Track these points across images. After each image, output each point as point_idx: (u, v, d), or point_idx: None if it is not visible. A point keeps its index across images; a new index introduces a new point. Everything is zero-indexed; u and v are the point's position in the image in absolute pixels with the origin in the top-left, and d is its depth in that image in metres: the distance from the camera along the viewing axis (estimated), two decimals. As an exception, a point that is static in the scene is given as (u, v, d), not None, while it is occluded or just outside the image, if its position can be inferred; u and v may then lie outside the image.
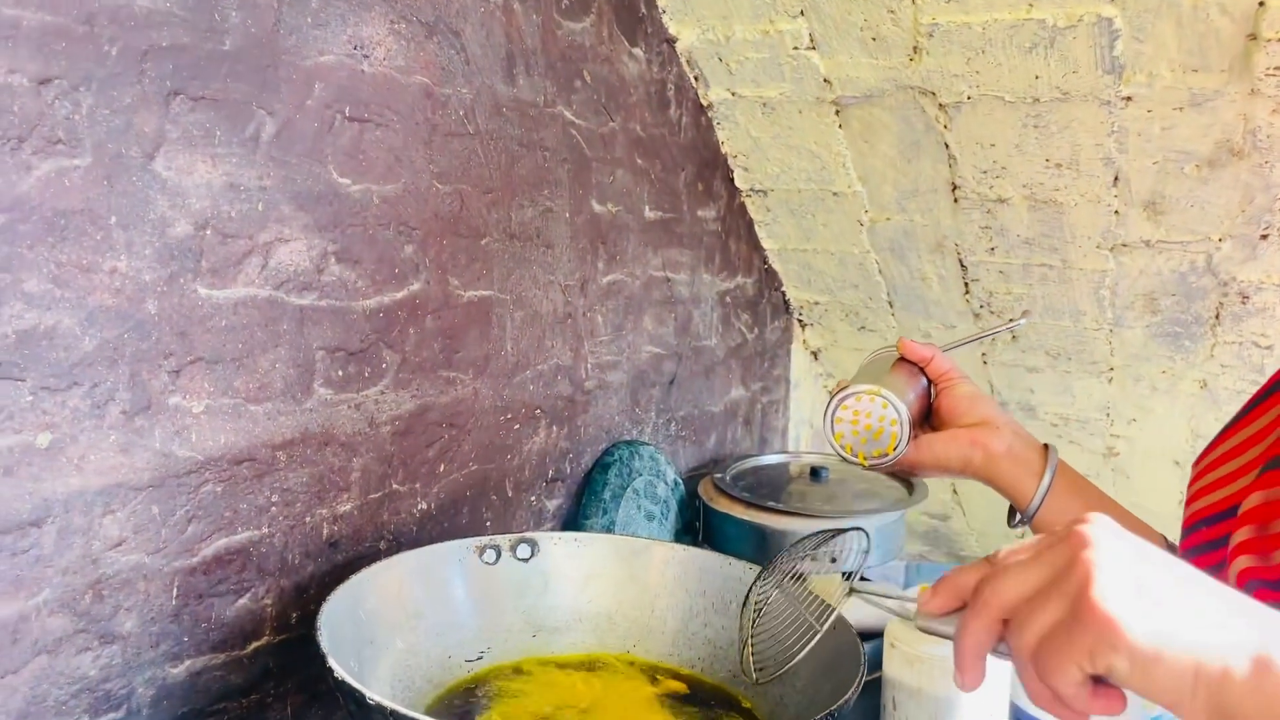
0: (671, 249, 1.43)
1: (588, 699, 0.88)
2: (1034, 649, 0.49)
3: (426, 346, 0.98)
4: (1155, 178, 1.27)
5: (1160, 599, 0.46)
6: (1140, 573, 0.47)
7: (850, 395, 0.85)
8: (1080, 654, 0.47)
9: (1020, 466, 0.85)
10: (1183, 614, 0.46)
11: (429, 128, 0.95)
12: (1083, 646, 0.47)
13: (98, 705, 0.71)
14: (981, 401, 0.88)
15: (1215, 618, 0.46)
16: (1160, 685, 0.46)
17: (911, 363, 0.91)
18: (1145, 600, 0.46)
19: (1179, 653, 0.45)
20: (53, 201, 0.64)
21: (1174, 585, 0.47)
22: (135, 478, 0.71)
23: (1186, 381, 1.57)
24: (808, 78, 1.34)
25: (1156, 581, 0.47)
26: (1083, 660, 0.47)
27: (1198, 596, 0.48)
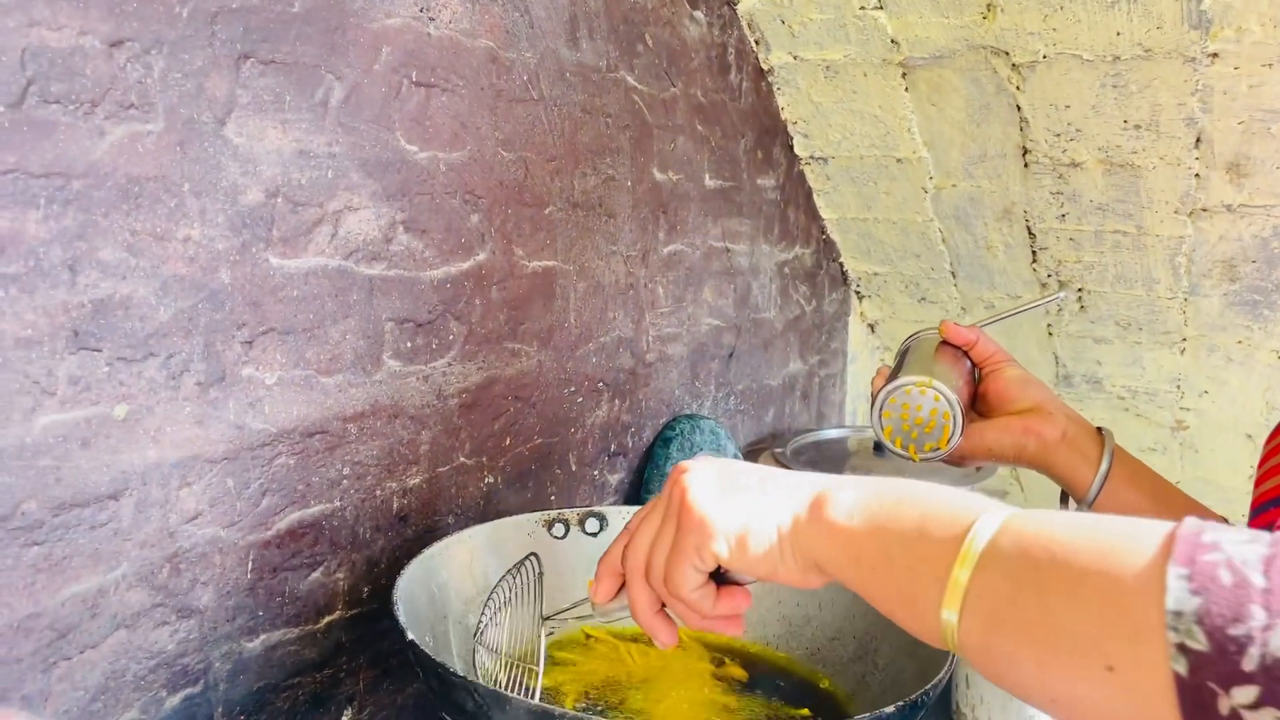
0: (731, 219, 1.40)
1: (642, 672, 0.86)
2: (662, 573, 0.57)
3: (492, 318, 0.96)
4: (1240, 138, 1.21)
5: (739, 490, 0.55)
6: (723, 477, 0.56)
7: (899, 388, 0.81)
8: (690, 553, 0.55)
9: (1076, 454, 0.81)
10: (759, 494, 0.55)
11: (494, 93, 0.92)
12: (690, 547, 0.55)
13: (175, 680, 0.70)
14: (1032, 385, 0.84)
15: (785, 488, 0.55)
16: (756, 555, 0.53)
17: (955, 346, 0.87)
18: (728, 495, 0.55)
19: (760, 522, 0.53)
20: (126, 168, 0.63)
21: (751, 478, 0.56)
22: (210, 450, 0.70)
23: (1264, 352, 1.52)
24: (874, 39, 1.30)
25: (736, 480, 0.56)
26: (693, 558, 0.55)
27: (771, 480, 0.56)
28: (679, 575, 0.56)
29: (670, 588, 0.57)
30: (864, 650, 0.85)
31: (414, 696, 0.92)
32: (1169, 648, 0.37)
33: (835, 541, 0.51)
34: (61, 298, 0.60)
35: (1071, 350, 1.70)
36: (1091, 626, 0.40)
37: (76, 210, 0.60)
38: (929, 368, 0.82)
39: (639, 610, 0.60)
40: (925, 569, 0.47)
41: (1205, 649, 0.36)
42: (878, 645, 0.84)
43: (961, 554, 0.46)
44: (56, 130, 0.59)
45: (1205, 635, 0.36)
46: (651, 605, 0.59)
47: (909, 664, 0.78)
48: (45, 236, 0.59)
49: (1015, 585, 0.43)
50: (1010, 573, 0.44)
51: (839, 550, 0.51)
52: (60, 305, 0.60)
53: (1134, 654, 0.38)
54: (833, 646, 0.87)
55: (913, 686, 0.70)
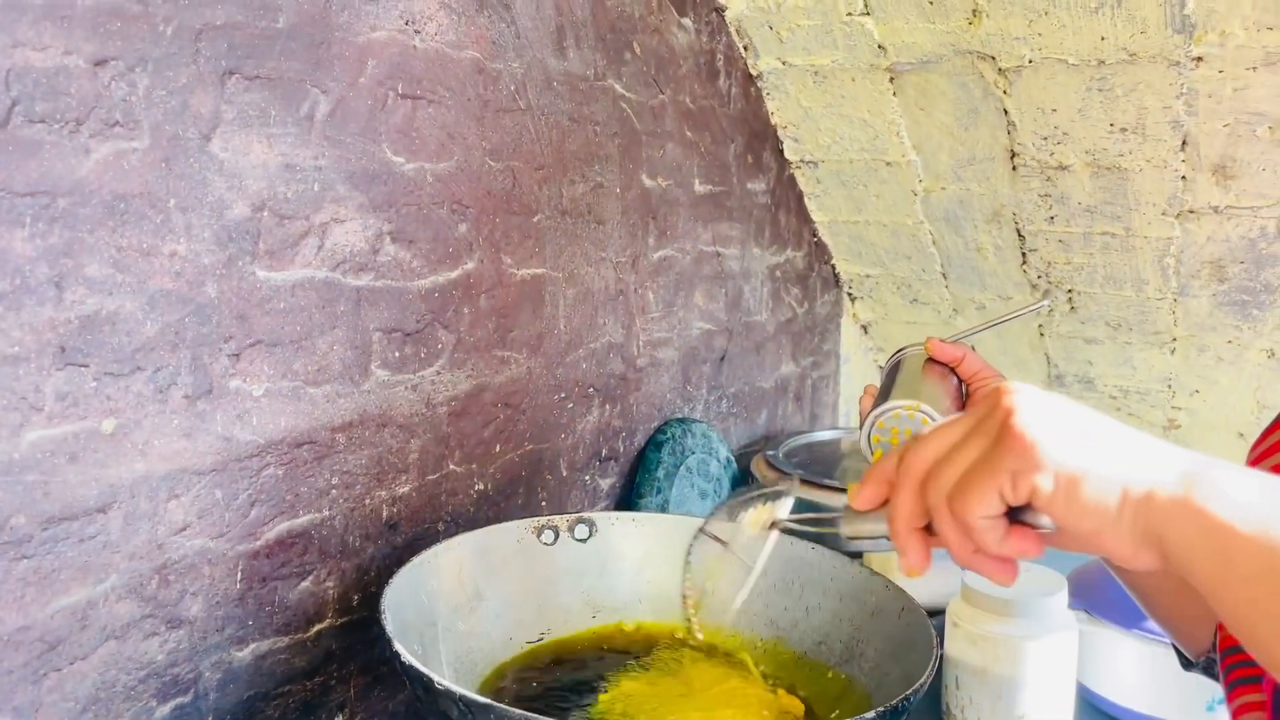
0: (721, 223, 1.40)
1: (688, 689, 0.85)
2: (952, 491, 0.48)
3: (481, 326, 0.97)
4: (1226, 141, 1.22)
5: (1083, 432, 0.46)
6: (1063, 412, 0.47)
7: (887, 411, 0.81)
8: (1002, 477, 0.46)
9: None
10: (1103, 442, 0.46)
11: (480, 104, 0.93)
12: (1004, 469, 0.46)
13: (165, 690, 0.71)
14: None
15: (1140, 448, 0.46)
16: (1084, 506, 0.45)
17: (942, 363, 0.87)
18: (1068, 432, 0.46)
19: (1102, 474, 0.45)
20: (112, 184, 0.63)
21: (1098, 424, 0.47)
22: (198, 462, 0.71)
23: (1253, 351, 1.52)
24: (861, 44, 1.31)
25: (1080, 420, 0.47)
26: (1004, 483, 0.46)
27: (1122, 433, 0.47)
28: (977, 495, 0.47)
29: (957, 505, 0.48)
30: (850, 654, 0.85)
31: (405, 703, 0.93)
32: None
33: (1201, 530, 0.43)
34: (48, 314, 0.61)
35: (1063, 351, 1.70)
36: None
37: (62, 228, 0.61)
38: (916, 388, 0.82)
39: (899, 518, 0.51)
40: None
41: None
42: (863, 649, 0.85)
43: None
44: (42, 149, 0.59)
45: None
46: (916, 517, 0.50)
47: (894, 667, 0.79)
48: (31, 254, 0.60)
49: None
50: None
51: (1204, 540, 0.43)
52: (47, 322, 0.61)
53: None
54: (819, 650, 0.88)
55: (898, 689, 0.71)
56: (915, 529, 0.51)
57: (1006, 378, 0.87)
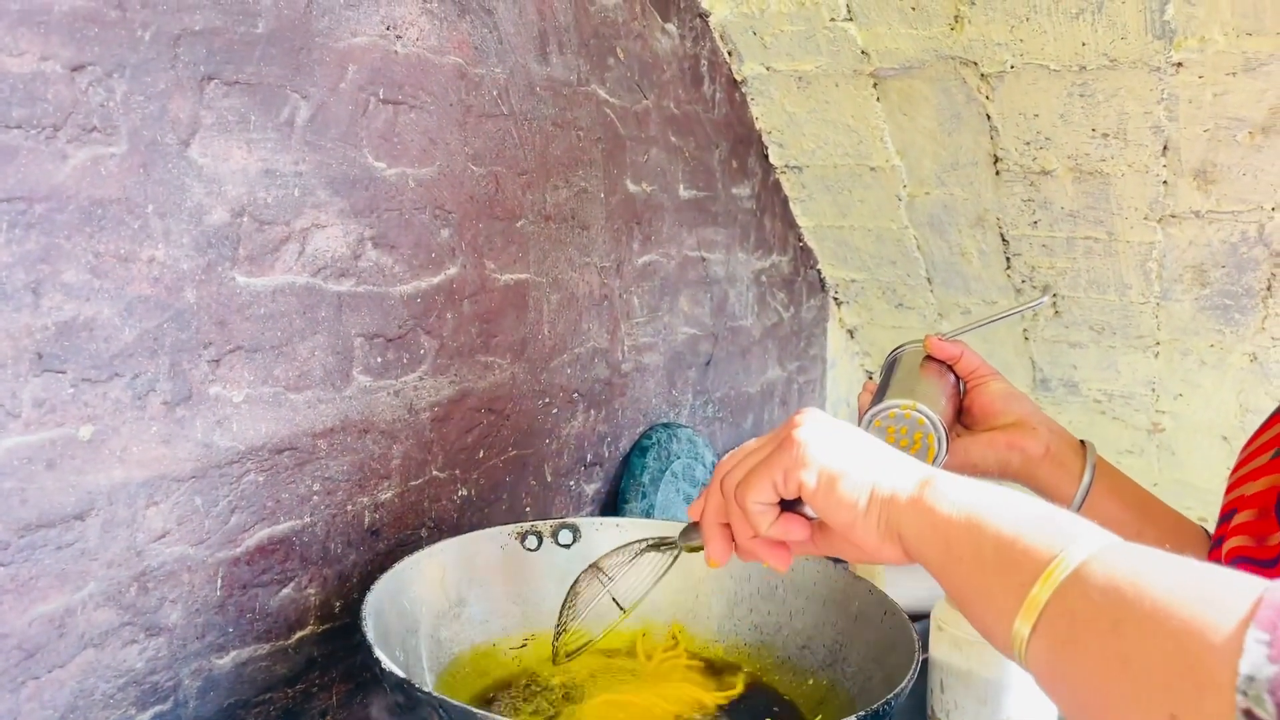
0: (706, 228, 1.41)
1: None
2: (738, 483, 0.60)
3: (464, 331, 0.97)
4: (1206, 146, 1.23)
5: (848, 445, 0.58)
6: (835, 429, 0.59)
7: (884, 411, 0.81)
8: (776, 471, 0.57)
9: (1059, 468, 0.82)
10: (864, 453, 0.57)
11: (463, 109, 0.93)
12: (779, 465, 0.57)
13: (145, 698, 0.70)
14: (1015, 400, 0.85)
15: (891, 461, 0.57)
16: (840, 500, 0.56)
17: (939, 361, 0.87)
18: (836, 443, 0.57)
19: (856, 476, 0.56)
20: (89, 190, 0.63)
21: (866, 442, 0.59)
22: (178, 469, 0.71)
23: (1236, 355, 1.53)
24: (845, 50, 1.31)
25: (847, 435, 0.58)
26: (776, 475, 0.57)
27: (884, 451, 0.58)
28: (752, 483, 0.58)
29: (740, 494, 0.59)
30: (833, 658, 0.85)
31: (388, 710, 0.92)
32: (1236, 712, 0.36)
33: (928, 522, 0.53)
34: (25, 320, 0.60)
35: (1047, 355, 1.71)
36: (1162, 670, 0.40)
37: (39, 233, 0.61)
38: (913, 387, 0.82)
39: (705, 514, 0.63)
40: (1011, 574, 0.48)
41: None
42: (846, 654, 0.85)
43: (1047, 573, 0.46)
44: (18, 155, 0.59)
45: (1274, 707, 0.35)
46: (718, 513, 0.62)
47: (876, 671, 0.79)
48: (8, 260, 0.59)
49: (1095, 612, 0.44)
50: (1093, 599, 0.44)
51: (930, 531, 0.53)
52: (24, 328, 0.60)
53: (1199, 708, 0.38)
54: (803, 655, 0.88)
55: (880, 693, 0.71)
56: (718, 523, 0.63)
57: (1002, 374, 0.87)
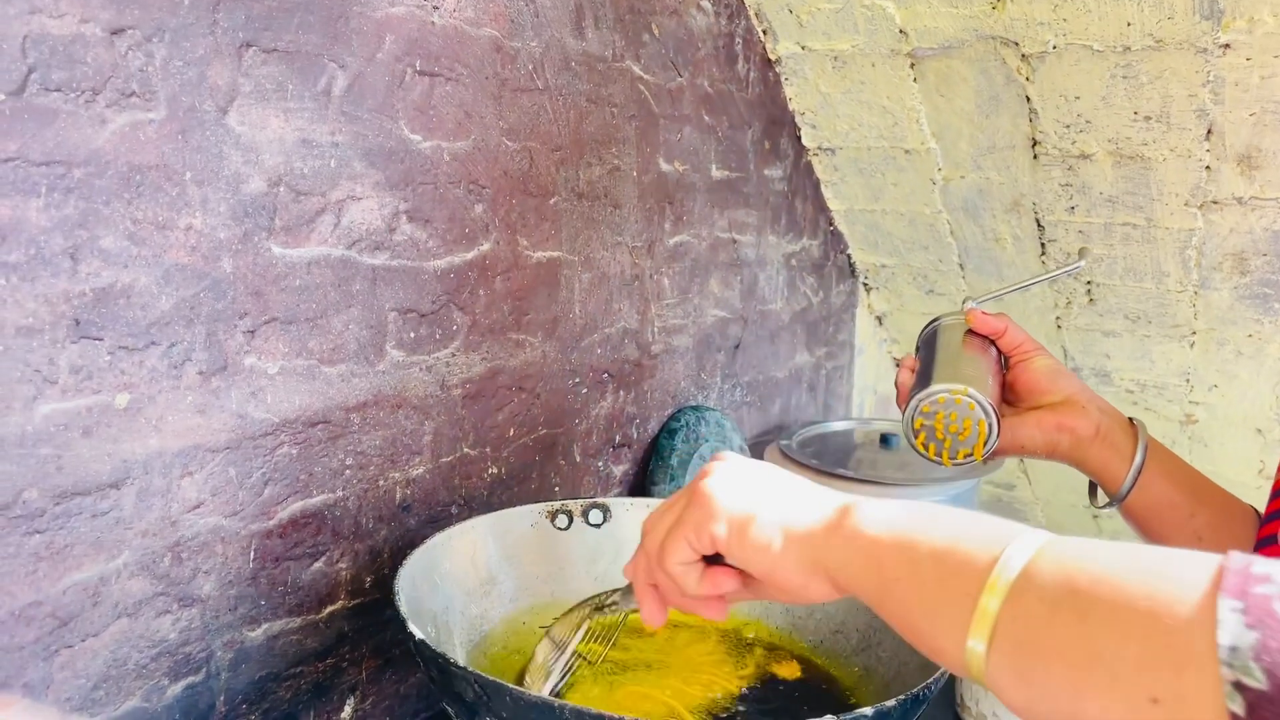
0: (738, 210, 1.39)
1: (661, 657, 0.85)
2: (658, 545, 0.58)
3: (496, 308, 0.96)
4: (1252, 130, 1.20)
5: (758, 487, 0.56)
6: (745, 473, 0.57)
7: (933, 396, 0.77)
8: (689, 529, 0.56)
9: (1109, 448, 0.79)
10: (778, 495, 0.55)
11: (498, 82, 0.92)
12: (690, 521, 0.56)
13: (177, 668, 0.70)
14: (1063, 377, 0.81)
15: (810, 498, 0.55)
16: (754, 545, 0.53)
17: (981, 335, 0.84)
18: (744, 487, 0.56)
19: (768, 517, 0.54)
20: (128, 156, 0.62)
21: (778, 483, 0.56)
22: (212, 439, 0.70)
23: (1274, 346, 1.51)
24: (882, 29, 1.29)
25: (760, 478, 0.57)
26: (690, 534, 0.56)
27: (799, 489, 0.56)
28: (670, 546, 0.57)
29: (660, 558, 0.58)
30: (867, 643, 0.84)
31: (417, 686, 0.92)
32: (1224, 684, 0.35)
33: (855, 549, 0.50)
34: (63, 286, 0.60)
35: (1080, 343, 1.69)
36: (1135, 655, 0.38)
37: (78, 198, 0.60)
38: (960, 368, 0.78)
39: (635, 577, 0.61)
40: (953, 585, 0.46)
41: (1264, 688, 0.34)
42: (881, 638, 0.84)
43: (992, 578, 0.44)
44: (58, 118, 0.59)
45: (1264, 673, 0.34)
46: (647, 575, 0.60)
47: (912, 657, 0.78)
48: (46, 225, 0.59)
49: (1052, 609, 0.42)
50: (1047, 596, 0.42)
51: (858, 557, 0.50)
52: (62, 294, 0.60)
53: (1181, 687, 0.37)
54: (836, 639, 0.87)
55: (916, 679, 0.70)
56: (648, 585, 0.61)
57: (1047, 350, 0.84)
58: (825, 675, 0.85)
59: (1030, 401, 0.81)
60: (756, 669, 0.85)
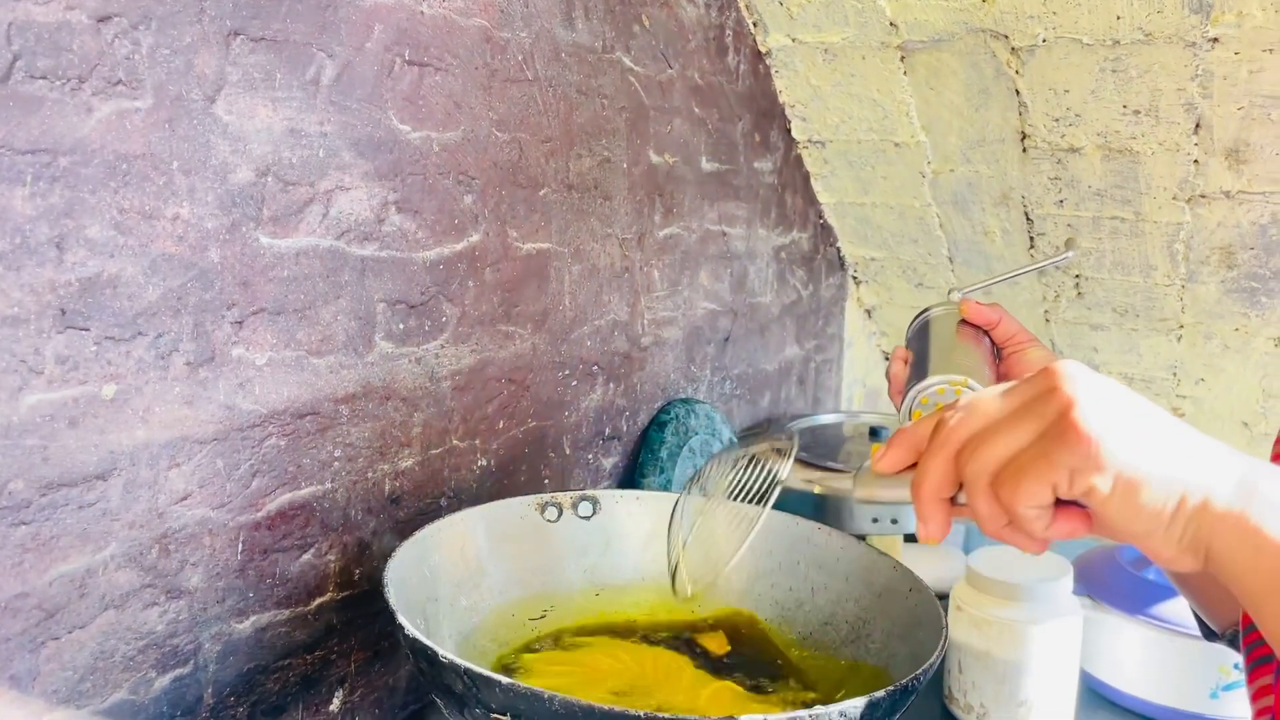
0: (728, 202, 1.39)
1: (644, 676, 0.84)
2: (1000, 474, 0.46)
3: (485, 300, 0.95)
4: (1240, 124, 1.21)
5: (1144, 427, 0.45)
6: (1125, 405, 0.46)
7: (930, 388, 0.76)
8: (1059, 472, 0.45)
9: None
10: (1166, 444, 0.45)
11: (488, 73, 0.92)
12: (1062, 465, 0.44)
13: (165, 660, 0.70)
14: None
15: (1200, 450, 0.45)
16: (1139, 510, 0.44)
17: (974, 325, 0.84)
18: (1130, 426, 0.45)
19: (1162, 480, 0.44)
20: (114, 145, 0.62)
21: (1157, 420, 0.46)
22: (200, 430, 0.70)
23: (1261, 339, 1.52)
24: (872, 21, 1.29)
25: (1139, 412, 0.46)
26: (1060, 480, 0.45)
27: (1181, 432, 0.46)
28: (1030, 486, 0.45)
29: (1006, 492, 0.46)
30: (856, 634, 0.85)
31: (406, 678, 0.92)
32: None
33: (1251, 544, 0.43)
34: (49, 276, 0.60)
35: (1068, 337, 1.69)
36: None
37: (63, 187, 0.60)
38: (956, 359, 0.78)
39: (926, 484, 0.49)
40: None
41: None
42: (870, 630, 0.84)
43: None
44: (43, 106, 0.58)
45: None
46: (945, 488, 0.49)
47: (901, 648, 0.78)
48: (31, 213, 0.58)
49: None
50: None
51: (1250, 553, 0.43)
52: (47, 283, 0.59)
53: None
54: (825, 631, 0.87)
55: (905, 670, 0.70)
56: (941, 498, 0.50)
57: (1040, 341, 0.84)
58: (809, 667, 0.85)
59: None
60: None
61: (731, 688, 0.80)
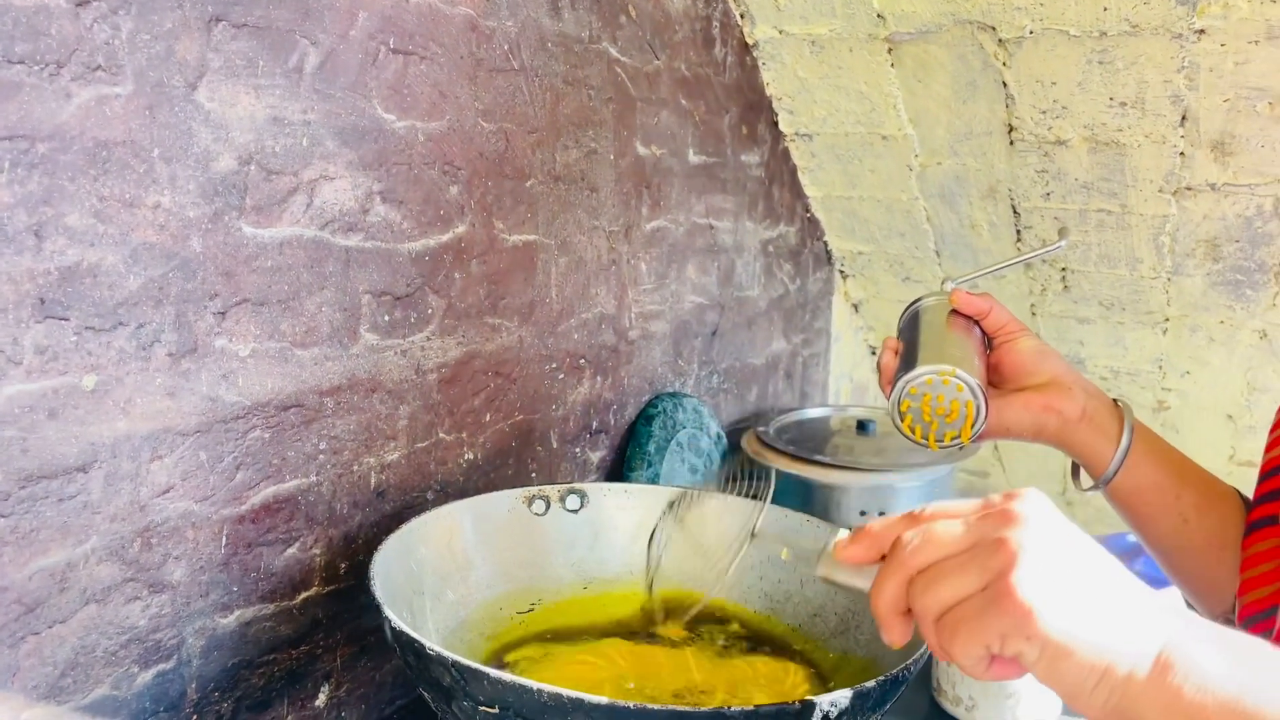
0: (715, 195, 1.39)
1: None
2: (938, 616, 0.49)
3: (472, 292, 0.95)
4: (1225, 116, 1.21)
5: (1078, 594, 0.46)
6: (1063, 563, 0.47)
7: (920, 378, 0.75)
8: (990, 635, 0.47)
9: (1096, 431, 0.78)
10: (1097, 612, 0.46)
11: (473, 62, 0.91)
12: (995, 629, 0.46)
13: (148, 655, 0.69)
14: (1049, 358, 0.80)
15: (1128, 618, 0.46)
16: (1064, 678, 0.46)
17: (965, 315, 0.83)
18: (1063, 594, 0.46)
19: (1089, 652, 0.45)
20: (94, 131, 0.61)
21: (1092, 580, 0.47)
22: (182, 422, 0.69)
23: (1246, 332, 1.52)
24: (860, 13, 1.29)
25: (1077, 574, 0.47)
26: (992, 641, 0.47)
27: (1114, 594, 0.47)
28: (964, 641, 0.47)
29: (945, 640, 0.48)
30: (845, 626, 0.84)
31: (393, 674, 0.91)
32: None
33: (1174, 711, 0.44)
34: (27, 264, 0.58)
35: (1054, 330, 1.70)
36: None
37: (42, 174, 0.59)
38: (946, 349, 0.77)
39: (883, 607, 0.52)
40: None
41: None
42: (859, 621, 0.84)
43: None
44: (21, 91, 0.57)
45: None
46: (900, 606, 0.51)
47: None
48: (9, 201, 0.57)
49: None
50: None
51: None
52: (26, 272, 0.58)
53: None
54: (814, 622, 0.87)
55: (894, 661, 0.70)
56: (898, 613, 0.52)
57: (1031, 330, 0.83)
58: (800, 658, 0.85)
59: (1015, 383, 0.80)
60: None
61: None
